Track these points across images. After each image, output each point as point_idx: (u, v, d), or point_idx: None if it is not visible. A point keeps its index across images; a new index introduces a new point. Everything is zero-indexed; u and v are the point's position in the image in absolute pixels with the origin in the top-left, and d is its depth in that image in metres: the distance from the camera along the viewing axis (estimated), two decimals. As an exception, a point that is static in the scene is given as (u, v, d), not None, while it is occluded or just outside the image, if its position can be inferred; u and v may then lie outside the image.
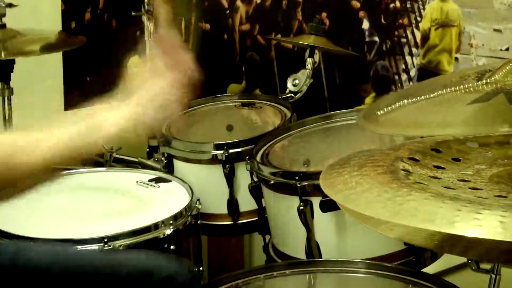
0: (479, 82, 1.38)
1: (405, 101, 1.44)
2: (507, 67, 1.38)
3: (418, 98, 1.43)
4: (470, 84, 1.38)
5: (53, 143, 1.37)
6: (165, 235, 1.81)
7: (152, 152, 2.41)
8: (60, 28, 3.14)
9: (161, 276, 1.60)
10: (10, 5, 2.53)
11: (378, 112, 1.43)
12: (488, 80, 1.38)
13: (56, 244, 1.69)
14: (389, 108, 1.43)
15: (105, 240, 1.73)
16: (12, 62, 2.54)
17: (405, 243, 1.79)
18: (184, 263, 1.73)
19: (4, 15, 2.52)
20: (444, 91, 1.39)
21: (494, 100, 1.32)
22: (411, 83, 2.46)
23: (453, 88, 1.39)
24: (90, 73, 3.14)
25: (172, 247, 1.81)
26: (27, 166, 1.38)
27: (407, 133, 1.54)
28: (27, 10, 2.78)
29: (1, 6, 2.51)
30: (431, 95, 1.41)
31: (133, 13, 2.51)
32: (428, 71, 2.41)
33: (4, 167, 1.35)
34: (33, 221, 1.86)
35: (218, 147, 2.08)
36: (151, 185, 2.05)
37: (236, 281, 1.65)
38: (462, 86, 1.38)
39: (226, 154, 2.06)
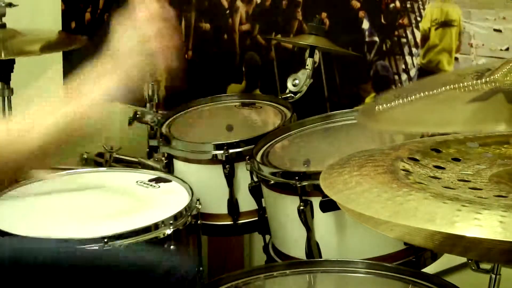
0: (479, 81, 1.38)
1: (405, 99, 1.44)
2: (507, 67, 1.38)
3: (418, 95, 1.43)
4: (470, 83, 1.38)
5: (49, 125, 1.36)
6: (165, 235, 1.81)
7: (152, 152, 2.40)
8: (60, 28, 3.15)
9: (163, 270, 1.59)
10: (10, 5, 2.53)
11: (377, 108, 1.42)
12: (488, 79, 1.38)
13: (53, 241, 1.69)
14: (388, 104, 1.43)
15: (105, 240, 1.73)
16: (12, 62, 2.55)
17: (405, 243, 1.79)
18: (186, 257, 1.73)
19: (4, 15, 2.53)
20: (443, 89, 1.39)
21: (493, 99, 1.32)
22: (411, 83, 2.46)
23: (452, 86, 1.39)
24: (90, 73, 3.14)
25: (172, 247, 1.81)
26: (23, 154, 1.36)
27: (405, 130, 1.54)
28: (27, 10, 2.79)
29: (1, 6, 2.51)
30: (430, 93, 1.41)
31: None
32: (428, 71, 2.41)
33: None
34: (33, 221, 1.86)
35: (218, 147, 2.08)
36: (151, 185, 2.05)
37: (236, 281, 1.65)
38: (461, 85, 1.38)
39: (226, 154, 2.06)
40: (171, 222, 1.83)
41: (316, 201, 1.79)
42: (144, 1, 1.47)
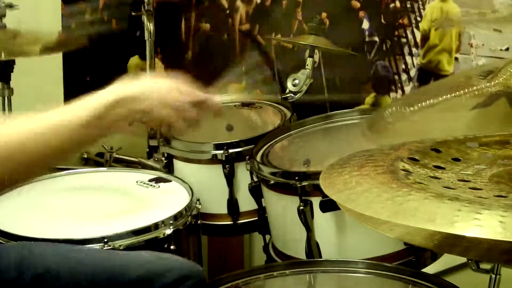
0: (482, 85, 1.38)
1: (409, 109, 1.44)
2: (508, 68, 1.38)
3: (422, 105, 1.43)
4: (474, 88, 1.38)
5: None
6: (165, 235, 1.81)
7: (152, 152, 2.41)
8: (60, 27, 3.15)
9: (173, 277, 1.58)
10: (10, 6, 2.52)
11: (386, 123, 1.43)
12: (491, 82, 1.38)
13: (61, 245, 1.68)
14: (395, 119, 1.43)
15: (105, 240, 1.73)
16: (12, 62, 2.54)
17: (405, 243, 1.79)
18: (195, 264, 1.72)
19: (4, 15, 2.52)
20: (448, 96, 1.39)
21: (496, 104, 1.33)
22: (411, 83, 2.46)
23: (457, 92, 1.40)
24: (90, 73, 3.15)
25: (172, 247, 1.81)
26: None
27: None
28: (27, 11, 2.78)
29: (1, 7, 2.50)
30: (435, 102, 1.42)
31: (133, 13, 2.51)
32: (428, 71, 2.41)
33: None
34: (33, 221, 1.86)
35: (218, 147, 2.08)
36: (151, 185, 2.05)
37: (236, 281, 1.65)
38: (466, 90, 1.38)
39: (226, 154, 2.06)
40: (171, 222, 1.83)
41: (316, 201, 1.79)
42: None
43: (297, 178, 1.80)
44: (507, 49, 2.24)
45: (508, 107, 1.35)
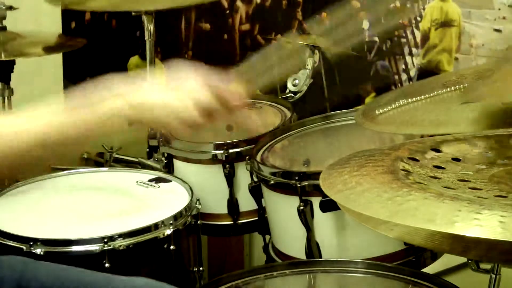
0: (473, 83, 1.38)
1: (403, 100, 1.44)
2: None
3: (416, 97, 1.43)
4: (468, 84, 1.39)
5: (39, 130, 1.32)
6: (165, 235, 1.81)
7: (152, 152, 2.40)
8: (60, 28, 3.15)
9: None
10: (10, 8, 2.52)
11: (377, 111, 1.43)
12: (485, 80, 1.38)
13: (61, 266, 1.65)
14: (387, 107, 1.44)
15: (105, 240, 1.73)
16: (12, 62, 2.54)
17: (405, 243, 1.79)
18: None
19: (4, 17, 2.52)
20: (442, 90, 1.40)
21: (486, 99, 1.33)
22: (411, 83, 2.46)
23: (450, 88, 1.40)
24: (90, 73, 3.15)
25: (172, 247, 1.81)
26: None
27: (401, 131, 1.55)
28: (27, 12, 2.78)
29: (1, 9, 2.50)
30: (428, 95, 1.42)
31: (133, 13, 2.51)
32: (428, 71, 2.41)
33: None
34: (33, 221, 1.86)
35: (218, 147, 2.08)
36: (151, 185, 2.05)
37: (236, 281, 1.65)
38: (459, 86, 1.39)
39: (226, 154, 2.06)
40: (171, 222, 1.83)
41: (316, 201, 1.79)
42: None
43: (297, 178, 1.80)
44: (507, 49, 2.24)
45: (498, 103, 1.35)
